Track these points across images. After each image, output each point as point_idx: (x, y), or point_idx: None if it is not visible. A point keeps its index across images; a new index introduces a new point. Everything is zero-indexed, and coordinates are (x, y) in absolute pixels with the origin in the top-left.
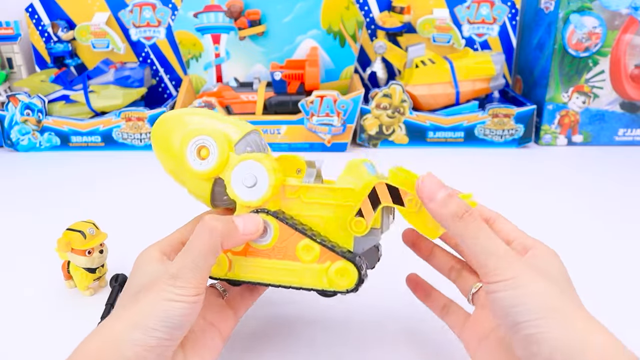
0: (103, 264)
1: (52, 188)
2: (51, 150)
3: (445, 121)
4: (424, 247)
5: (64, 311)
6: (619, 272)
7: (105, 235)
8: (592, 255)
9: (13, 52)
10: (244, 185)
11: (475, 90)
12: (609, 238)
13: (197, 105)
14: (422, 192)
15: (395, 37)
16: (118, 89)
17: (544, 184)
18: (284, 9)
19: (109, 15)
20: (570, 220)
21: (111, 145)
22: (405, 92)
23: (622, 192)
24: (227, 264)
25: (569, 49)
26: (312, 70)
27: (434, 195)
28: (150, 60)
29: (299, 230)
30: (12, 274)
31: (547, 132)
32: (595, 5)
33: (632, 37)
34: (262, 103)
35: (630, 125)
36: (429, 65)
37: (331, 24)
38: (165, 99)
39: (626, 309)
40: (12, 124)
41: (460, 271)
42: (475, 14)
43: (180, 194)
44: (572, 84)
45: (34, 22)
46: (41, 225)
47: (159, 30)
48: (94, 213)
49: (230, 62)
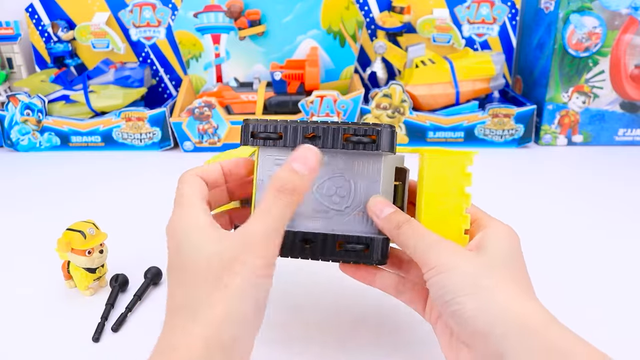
0: (103, 264)
1: (52, 188)
2: (51, 150)
3: (445, 121)
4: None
5: (64, 311)
6: (619, 272)
7: (105, 235)
8: (592, 255)
9: (13, 52)
10: None
11: (475, 90)
12: (609, 238)
13: (197, 105)
14: (370, 210)
15: (395, 37)
16: (118, 89)
17: (544, 184)
18: (284, 9)
19: (109, 15)
20: (570, 220)
21: (111, 145)
22: (405, 92)
23: (622, 192)
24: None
25: (569, 49)
26: (312, 70)
27: (380, 213)
28: (150, 60)
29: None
30: (12, 274)
31: (547, 132)
32: (595, 5)
33: (632, 37)
34: (262, 103)
35: (630, 125)
36: (429, 65)
37: (331, 24)
38: (165, 99)
39: (626, 309)
40: (12, 124)
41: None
42: (475, 14)
43: None
44: (572, 84)
45: (34, 22)
46: (41, 225)
47: (159, 30)
48: (94, 213)
49: (230, 62)
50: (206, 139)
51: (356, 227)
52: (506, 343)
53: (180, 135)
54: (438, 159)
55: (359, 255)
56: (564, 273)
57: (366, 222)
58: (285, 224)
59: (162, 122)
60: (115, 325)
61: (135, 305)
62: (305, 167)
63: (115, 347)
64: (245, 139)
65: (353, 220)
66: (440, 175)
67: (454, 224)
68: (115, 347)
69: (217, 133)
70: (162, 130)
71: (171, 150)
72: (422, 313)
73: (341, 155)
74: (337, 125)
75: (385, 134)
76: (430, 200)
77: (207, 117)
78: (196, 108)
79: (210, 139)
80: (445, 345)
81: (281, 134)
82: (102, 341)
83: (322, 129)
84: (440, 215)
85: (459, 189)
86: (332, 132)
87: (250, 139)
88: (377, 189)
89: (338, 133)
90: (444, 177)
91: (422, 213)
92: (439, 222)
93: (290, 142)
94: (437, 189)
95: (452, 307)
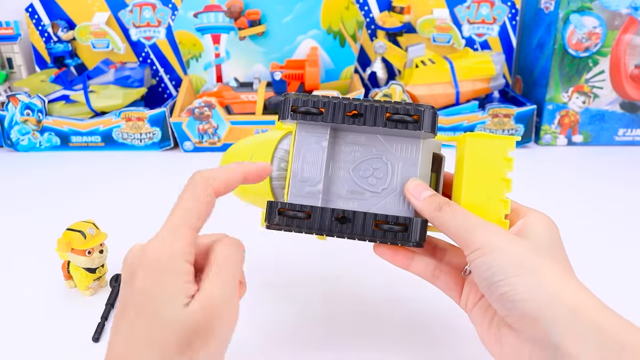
0: (103, 264)
1: (52, 188)
2: (51, 150)
3: (445, 121)
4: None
5: (64, 311)
6: (619, 272)
7: (105, 235)
8: (592, 255)
9: (13, 52)
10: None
11: (475, 90)
12: (609, 238)
13: (197, 105)
14: (409, 192)
15: (395, 37)
16: (118, 89)
17: (543, 184)
18: (284, 9)
19: (109, 15)
20: (570, 220)
21: (111, 145)
22: (405, 92)
23: (622, 192)
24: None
25: (569, 49)
26: (312, 70)
27: (419, 195)
28: (150, 60)
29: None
30: (12, 274)
31: (547, 132)
32: (595, 5)
33: (632, 37)
34: (262, 103)
35: (630, 125)
36: (429, 65)
37: (331, 24)
38: (165, 99)
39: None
40: (12, 124)
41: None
42: (475, 14)
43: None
44: (572, 84)
45: (34, 22)
46: (41, 225)
47: (159, 30)
48: (94, 213)
49: (230, 62)
50: (206, 139)
51: (393, 209)
52: (557, 328)
53: (180, 135)
54: (480, 141)
55: (397, 236)
56: None
57: (403, 204)
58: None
59: (162, 122)
60: None
61: None
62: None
63: None
64: (284, 113)
65: (389, 202)
66: (481, 158)
67: (495, 208)
68: None
69: (217, 133)
70: (162, 130)
71: (171, 150)
72: (458, 299)
73: (380, 137)
74: (379, 104)
75: (427, 114)
76: (470, 183)
77: (207, 117)
78: (196, 108)
79: (210, 139)
80: (485, 332)
81: (322, 110)
82: (102, 341)
83: (365, 106)
84: (481, 199)
85: (501, 173)
86: (374, 110)
87: (290, 112)
88: (415, 172)
89: (381, 112)
90: (486, 160)
91: (462, 195)
92: (480, 206)
93: (331, 118)
94: (478, 171)
95: (502, 288)
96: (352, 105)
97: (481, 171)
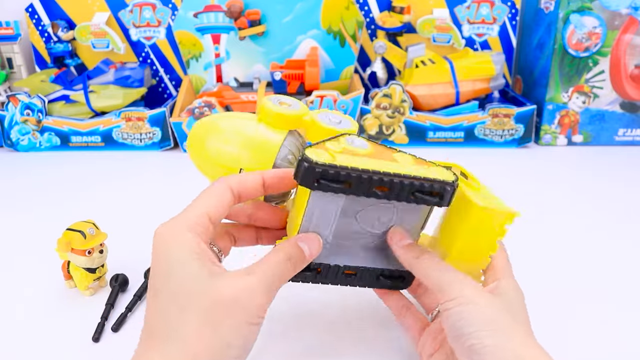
0: (103, 264)
1: (52, 188)
2: (51, 150)
3: (445, 121)
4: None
5: (64, 311)
6: (619, 272)
7: (105, 235)
8: (592, 255)
9: (13, 52)
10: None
11: (475, 90)
12: (609, 238)
13: (197, 105)
14: (391, 240)
15: (395, 37)
16: (118, 89)
17: (544, 184)
18: (284, 9)
19: (109, 15)
20: (570, 220)
21: (111, 145)
22: (405, 92)
23: (622, 192)
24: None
25: (569, 49)
26: (312, 70)
27: (401, 243)
28: (150, 60)
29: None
30: (12, 274)
31: (547, 132)
32: (595, 5)
33: (632, 37)
34: None
35: (630, 125)
36: (429, 65)
37: (331, 24)
38: (165, 99)
39: (625, 309)
40: (12, 124)
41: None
42: (475, 14)
43: (180, 194)
44: (572, 84)
45: (34, 22)
46: (41, 225)
47: (159, 30)
48: (94, 213)
49: (230, 62)
50: None
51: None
52: None
53: (180, 135)
54: (482, 213)
55: (396, 285)
56: (563, 273)
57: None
58: (278, 288)
59: (162, 122)
60: (115, 325)
61: (135, 305)
62: (309, 252)
63: (115, 347)
64: (307, 181)
65: (382, 245)
66: (479, 227)
67: (477, 264)
68: (115, 347)
69: None
70: (162, 130)
71: (171, 150)
72: (417, 342)
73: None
74: (408, 180)
75: (448, 194)
76: (463, 243)
77: None
78: (196, 108)
79: None
80: None
81: (350, 184)
82: (102, 341)
83: (393, 183)
84: (466, 257)
85: (495, 239)
86: (400, 187)
87: (314, 184)
88: (416, 221)
89: (408, 190)
90: (483, 229)
91: (451, 251)
92: (463, 261)
93: (356, 192)
94: (472, 237)
95: (471, 340)
96: (381, 182)
97: (475, 237)
